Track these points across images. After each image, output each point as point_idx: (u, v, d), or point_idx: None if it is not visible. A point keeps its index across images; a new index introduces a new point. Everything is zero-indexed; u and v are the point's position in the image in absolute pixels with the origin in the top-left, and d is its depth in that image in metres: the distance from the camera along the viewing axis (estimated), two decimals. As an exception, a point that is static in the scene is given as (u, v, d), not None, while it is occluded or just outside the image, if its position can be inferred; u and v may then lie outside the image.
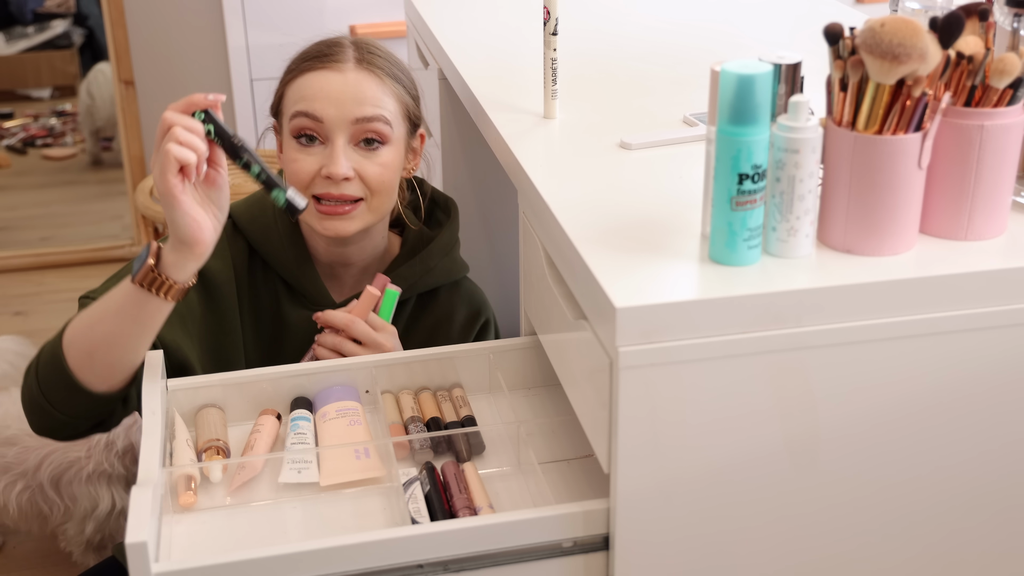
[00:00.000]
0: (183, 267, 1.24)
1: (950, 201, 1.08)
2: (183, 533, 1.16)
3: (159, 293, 1.23)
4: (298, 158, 1.44)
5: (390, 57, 1.50)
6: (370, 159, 1.45)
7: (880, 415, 1.08)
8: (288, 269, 1.52)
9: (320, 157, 1.44)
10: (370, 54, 1.47)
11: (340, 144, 1.43)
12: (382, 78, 1.46)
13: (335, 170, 1.42)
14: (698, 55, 1.73)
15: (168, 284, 1.23)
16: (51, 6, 5.41)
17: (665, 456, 1.05)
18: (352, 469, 1.23)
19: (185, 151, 1.19)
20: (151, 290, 1.23)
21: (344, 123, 1.43)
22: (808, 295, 1.02)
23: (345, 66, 1.44)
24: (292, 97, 1.46)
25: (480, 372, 1.41)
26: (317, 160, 1.44)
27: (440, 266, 1.59)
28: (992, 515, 1.15)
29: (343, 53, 1.46)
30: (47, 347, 1.31)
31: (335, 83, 1.43)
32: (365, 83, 1.44)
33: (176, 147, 1.18)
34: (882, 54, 0.99)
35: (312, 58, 1.46)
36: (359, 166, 1.44)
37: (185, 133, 1.19)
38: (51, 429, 1.34)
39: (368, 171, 1.44)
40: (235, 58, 3.14)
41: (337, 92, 1.43)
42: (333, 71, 1.44)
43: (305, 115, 1.43)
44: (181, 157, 1.19)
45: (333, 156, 1.42)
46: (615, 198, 1.21)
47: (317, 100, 1.43)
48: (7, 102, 5.21)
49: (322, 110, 1.43)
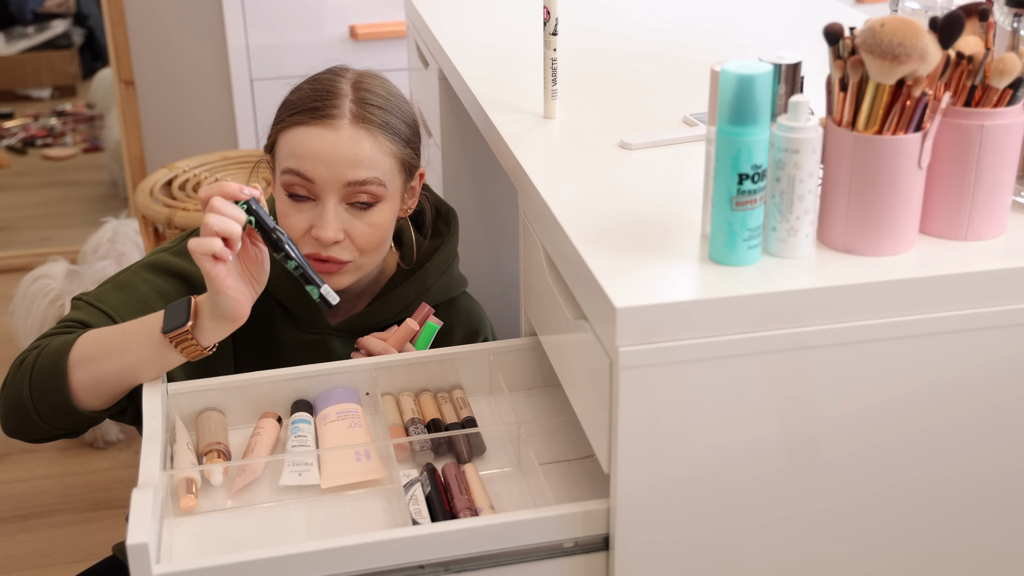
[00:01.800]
0: (216, 335, 1.25)
1: (950, 201, 1.08)
2: (184, 535, 1.16)
3: (183, 351, 1.25)
4: (289, 213, 1.41)
5: (389, 104, 1.44)
6: (361, 219, 1.40)
7: (880, 415, 1.08)
8: (284, 292, 1.51)
9: (310, 215, 1.40)
10: (368, 106, 1.41)
11: (331, 206, 1.38)
12: (377, 137, 1.40)
13: (323, 234, 1.38)
14: (698, 55, 1.73)
15: (194, 347, 1.25)
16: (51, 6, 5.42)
17: (665, 456, 1.05)
18: (353, 471, 1.23)
19: (215, 242, 1.20)
20: (176, 346, 1.24)
21: (336, 185, 1.38)
22: (808, 295, 1.02)
23: (340, 123, 1.38)
24: (284, 150, 1.41)
25: (480, 373, 1.41)
26: (307, 218, 1.40)
27: (437, 284, 1.57)
28: (992, 515, 1.15)
29: (339, 107, 1.39)
30: (48, 356, 1.29)
31: (328, 142, 1.37)
32: (359, 144, 1.38)
33: (216, 220, 1.20)
34: (882, 54, 0.99)
35: (306, 110, 1.40)
36: (349, 226, 1.40)
37: (221, 220, 1.20)
38: (25, 433, 1.34)
39: (358, 232, 1.40)
40: (235, 58, 3.14)
41: (329, 153, 1.37)
42: (327, 128, 1.38)
43: (296, 174, 1.39)
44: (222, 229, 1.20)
45: (323, 219, 1.38)
46: (615, 198, 1.21)
47: (309, 160, 1.38)
48: (7, 102, 5.21)
49: (313, 171, 1.38)
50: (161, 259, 1.46)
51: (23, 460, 2.66)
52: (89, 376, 1.27)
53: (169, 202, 2.62)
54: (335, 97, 1.40)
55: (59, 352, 1.28)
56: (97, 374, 1.27)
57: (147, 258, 1.47)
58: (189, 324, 1.23)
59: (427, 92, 2.05)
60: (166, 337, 1.24)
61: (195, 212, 2.54)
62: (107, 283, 1.44)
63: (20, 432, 1.34)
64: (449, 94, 1.91)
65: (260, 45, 3.14)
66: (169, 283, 1.44)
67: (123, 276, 1.44)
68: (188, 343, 1.24)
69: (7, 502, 2.52)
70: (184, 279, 1.45)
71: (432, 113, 2.01)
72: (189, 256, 1.46)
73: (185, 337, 1.24)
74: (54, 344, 1.30)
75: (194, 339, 1.24)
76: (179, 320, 1.24)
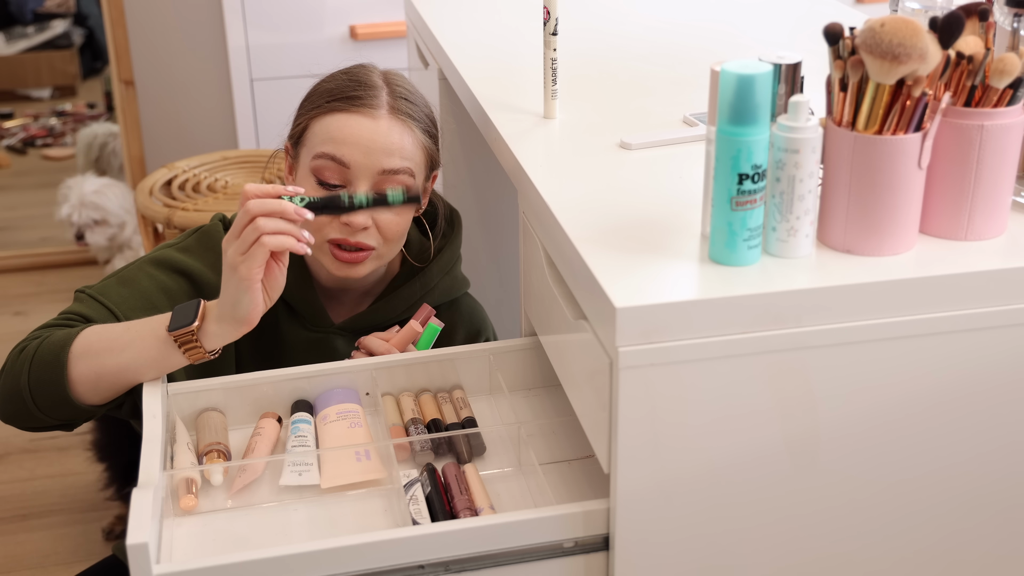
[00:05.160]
0: (221, 339, 1.26)
1: (950, 201, 1.08)
2: (184, 535, 1.16)
3: (185, 352, 1.25)
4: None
5: (418, 99, 1.47)
6: (388, 209, 1.42)
7: (880, 415, 1.08)
8: (289, 290, 1.50)
9: None
10: (402, 99, 1.44)
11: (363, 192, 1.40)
12: (412, 128, 1.43)
13: (356, 219, 1.40)
14: (698, 55, 1.73)
15: (197, 349, 1.25)
16: (51, 6, 5.41)
17: (665, 456, 1.05)
18: (353, 471, 1.23)
19: (281, 239, 1.20)
20: (180, 347, 1.24)
21: (371, 172, 1.40)
22: (808, 295, 1.02)
23: (378, 112, 1.41)
24: (318, 135, 1.42)
25: (480, 373, 1.41)
26: None
27: (440, 285, 1.58)
28: (992, 515, 1.15)
29: (377, 97, 1.42)
30: (49, 347, 1.29)
31: (367, 130, 1.40)
32: (396, 133, 1.41)
33: (271, 238, 1.19)
34: (882, 54, 0.99)
35: (344, 98, 1.42)
36: (376, 215, 1.42)
37: (276, 222, 1.20)
38: (21, 421, 1.34)
39: (384, 220, 1.42)
40: (235, 58, 3.14)
41: (368, 140, 1.40)
42: (366, 116, 1.40)
43: (332, 158, 1.40)
44: (277, 245, 1.20)
45: None
46: (615, 198, 1.21)
47: (346, 145, 1.40)
48: (7, 102, 5.21)
49: (350, 156, 1.40)
50: (166, 255, 1.46)
51: (23, 460, 2.66)
52: (89, 370, 1.27)
53: (169, 202, 2.62)
54: (373, 88, 1.44)
55: (61, 344, 1.28)
56: (97, 369, 1.27)
57: (152, 253, 1.47)
58: (195, 324, 1.23)
59: (427, 92, 2.04)
60: (171, 336, 1.24)
61: (194, 212, 2.54)
62: (111, 277, 1.44)
63: (16, 420, 1.34)
64: (449, 94, 1.91)
65: (260, 45, 3.14)
66: (173, 280, 1.44)
67: (127, 271, 1.44)
68: (192, 344, 1.24)
69: (7, 502, 2.52)
70: (189, 276, 1.45)
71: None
72: (194, 253, 1.47)
73: (189, 338, 1.24)
74: (56, 336, 1.30)
75: (198, 341, 1.24)
76: (186, 320, 1.24)
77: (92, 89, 5.29)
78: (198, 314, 1.24)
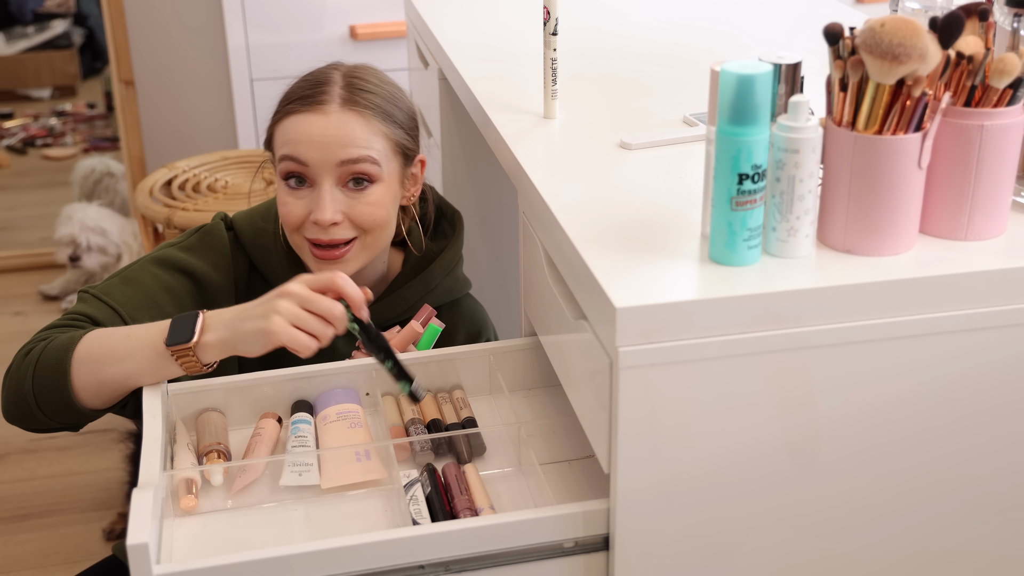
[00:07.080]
0: (217, 355, 1.27)
1: (950, 201, 1.08)
2: (184, 536, 1.16)
3: (182, 365, 1.26)
4: (287, 201, 1.44)
5: (381, 90, 1.46)
6: (359, 199, 1.42)
7: (880, 415, 1.08)
8: None
9: (308, 201, 1.42)
10: (358, 91, 1.44)
11: (327, 188, 1.41)
12: (368, 118, 1.43)
13: (320, 216, 1.41)
14: (698, 55, 1.73)
15: (194, 363, 1.26)
16: (51, 6, 5.41)
17: (665, 456, 1.05)
18: (353, 471, 1.23)
19: (314, 345, 1.24)
20: (176, 359, 1.25)
21: (329, 166, 1.41)
22: (808, 295, 1.02)
23: (329, 108, 1.42)
24: (279, 139, 1.45)
25: (480, 373, 1.41)
26: (305, 204, 1.42)
27: (441, 285, 1.58)
28: (992, 515, 1.15)
29: (328, 93, 1.43)
30: (53, 352, 1.29)
31: (318, 126, 1.41)
32: (349, 124, 1.41)
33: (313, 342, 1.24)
34: (882, 54, 0.99)
35: (297, 99, 1.44)
36: (348, 208, 1.42)
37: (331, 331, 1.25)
38: (26, 423, 1.34)
39: (357, 211, 1.43)
40: (235, 58, 3.14)
41: (320, 135, 1.40)
42: (317, 113, 1.41)
43: (291, 159, 1.42)
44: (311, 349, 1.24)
45: (320, 201, 1.41)
46: (615, 198, 1.21)
47: (301, 144, 1.41)
48: (7, 102, 5.21)
49: (306, 153, 1.41)
50: (169, 254, 1.46)
51: (23, 460, 2.66)
52: (91, 377, 1.27)
53: (169, 202, 2.62)
54: (324, 85, 1.44)
55: (63, 349, 1.28)
56: (99, 376, 1.27)
57: (155, 252, 1.48)
58: (193, 342, 1.24)
59: (427, 92, 2.05)
60: (168, 350, 1.25)
61: (194, 212, 2.54)
62: (114, 276, 1.44)
63: (21, 422, 1.35)
64: (449, 94, 1.91)
65: (260, 45, 3.14)
66: (176, 279, 1.44)
67: (131, 270, 1.45)
68: (189, 359, 1.25)
69: (7, 502, 2.52)
70: (191, 275, 1.45)
71: (432, 113, 2.01)
72: (196, 252, 1.48)
73: (187, 353, 1.25)
74: (60, 340, 1.30)
75: (195, 356, 1.25)
76: (184, 336, 1.25)
77: (92, 89, 5.29)
78: (196, 329, 1.25)
